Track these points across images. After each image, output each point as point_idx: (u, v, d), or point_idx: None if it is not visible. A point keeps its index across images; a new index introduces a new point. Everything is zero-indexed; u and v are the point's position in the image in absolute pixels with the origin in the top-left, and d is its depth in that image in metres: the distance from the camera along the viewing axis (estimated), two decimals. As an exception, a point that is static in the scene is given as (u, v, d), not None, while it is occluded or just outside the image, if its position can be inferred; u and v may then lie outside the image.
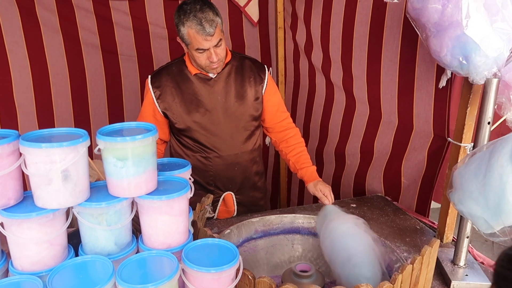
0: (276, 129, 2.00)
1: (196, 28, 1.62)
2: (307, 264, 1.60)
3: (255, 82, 1.89)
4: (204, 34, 1.63)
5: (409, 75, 1.93)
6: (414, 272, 1.28)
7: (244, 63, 1.90)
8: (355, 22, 2.18)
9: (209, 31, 1.63)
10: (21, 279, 0.99)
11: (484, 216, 1.26)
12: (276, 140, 2.02)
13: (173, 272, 1.02)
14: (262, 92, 1.91)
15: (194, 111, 1.83)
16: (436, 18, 1.34)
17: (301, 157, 1.95)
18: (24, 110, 2.50)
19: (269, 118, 1.98)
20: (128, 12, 2.55)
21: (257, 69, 1.92)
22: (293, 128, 2.01)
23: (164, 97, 1.82)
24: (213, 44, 1.67)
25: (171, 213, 1.13)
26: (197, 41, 1.65)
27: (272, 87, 1.96)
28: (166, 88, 1.82)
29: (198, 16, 1.62)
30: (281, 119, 2.00)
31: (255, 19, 2.85)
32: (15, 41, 2.37)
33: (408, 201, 2.13)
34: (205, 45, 1.66)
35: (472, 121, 1.57)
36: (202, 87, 1.83)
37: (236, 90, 1.86)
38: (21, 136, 0.99)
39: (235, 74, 1.86)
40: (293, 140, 1.98)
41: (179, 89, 1.82)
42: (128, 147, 1.05)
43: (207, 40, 1.65)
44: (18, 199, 1.04)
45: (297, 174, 1.96)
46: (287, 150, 1.98)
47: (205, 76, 1.82)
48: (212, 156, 1.91)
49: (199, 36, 1.64)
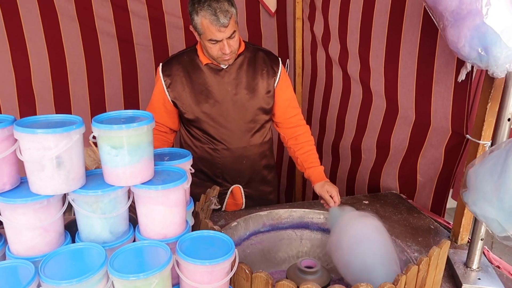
0: (285, 124, 1.95)
1: (210, 18, 1.58)
2: (312, 260, 1.57)
3: (267, 75, 1.84)
4: (218, 25, 1.58)
5: (428, 68, 1.84)
6: (420, 273, 1.22)
7: (257, 55, 1.85)
8: (374, 11, 2.09)
9: (223, 22, 1.58)
10: (14, 263, 0.99)
11: (498, 218, 1.19)
12: (284, 135, 1.97)
13: (165, 262, 1.00)
14: (274, 85, 1.86)
15: (204, 102, 1.81)
16: (453, 6, 1.26)
17: (309, 156, 1.89)
18: (42, 98, 2.55)
19: (280, 113, 1.93)
20: (144, 2, 2.55)
21: (270, 62, 1.86)
22: (303, 126, 1.96)
23: (174, 86, 1.80)
24: (227, 36, 1.62)
25: (167, 204, 1.11)
26: (210, 31, 1.61)
27: (285, 81, 1.91)
28: (176, 77, 1.80)
29: (213, 5, 1.57)
30: (292, 114, 1.94)
31: (272, 9, 2.79)
32: (34, 29, 2.41)
33: (424, 200, 2.06)
34: (219, 36, 1.61)
35: (492, 117, 1.49)
36: (213, 77, 1.80)
37: (247, 82, 1.82)
38: (16, 122, 0.99)
39: (247, 66, 1.82)
40: (303, 138, 1.93)
41: (189, 79, 1.79)
42: (122, 135, 1.03)
43: (221, 31, 1.60)
44: (14, 184, 1.04)
45: (304, 173, 1.91)
46: (296, 148, 1.92)
47: (216, 67, 1.79)
48: (220, 148, 1.89)
49: (212, 27, 1.59)
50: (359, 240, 1.40)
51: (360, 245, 1.38)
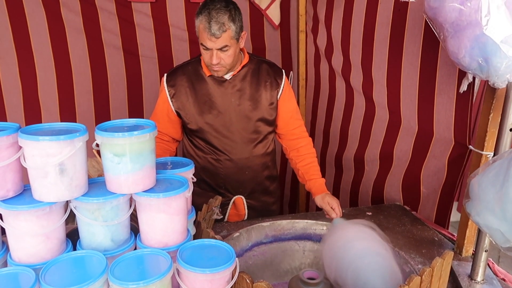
0: (288, 136, 1.95)
1: (204, 24, 1.61)
2: (315, 272, 1.55)
3: (271, 87, 1.86)
4: (209, 34, 1.61)
5: (430, 79, 1.85)
6: (423, 284, 1.21)
7: (261, 66, 1.87)
8: (376, 24, 2.11)
9: (214, 32, 1.60)
10: (15, 270, 1.00)
11: (501, 228, 1.18)
12: (286, 147, 1.97)
13: (165, 270, 1.00)
14: (277, 97, 1.87)
15: (207, 112, 1.82)
16: (453, 17, 1.27)
17: (311, 168, 1.89)
18: (48, 109, 2.59)
19: (282, 125, 1.94)
20: (150, 14, 2.59)
21: (274, 74, 1.88)
22: (305, 138, 1.96)
23: (178, 96, 1.81)
24: (217, 47, 1.64)
25: (169, 212, 1.11)
26: (202, 37, 1.64)
27: (288, 93, 1.92)
28: (180, 87, 1.81)
29: (211, 14, 1.60)
30: (294, 126, 1.95)
31: (276, 22, 2.83)
32: (41, 41, 2.46)
33: (427, 211, 2.04)
34: (208, 44, 1.64)
35: (495, 128, 1.48)
36: (216, 88, 1.81)
37: (250, 93, 1.83)
38: (21, 129, 1.01)
39: (251, 77, 1.84)
40: (304, 150, 1.93)
41: (193, 89, 1.81)
42: (124, 142, 1.05)
43: (211, 40, 1.62)
44: (17, 191, 1.06)
45: (305, 185, 1.90)
46: (297, 160, 1.92)
47: (220, 78, 1.80)
48: (222, 159, 1.89)
49: (204, 33, 1.62)
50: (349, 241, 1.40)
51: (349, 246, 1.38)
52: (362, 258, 1.34)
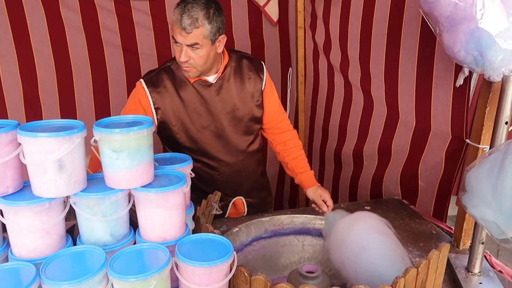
0: (273, 130, 1.93)
1: (177, 16, 1.55)
2: (313, 265, 1.57)
3: (254, 82, 1.81)
4: (180, 27, 1.54)
5: (427, 74, 1.86)
6: (419, 276, 1.22)
7: (241, 63, 1.81)
8: (374, 19, 2.12)
9: (184, 25, 1.53)
10: (16, 265, 1.01)
11: (496, 220, 1.19)
12: (272, 141, 1.94)
13: (164, 264, 1.01)
14: (261, 90, 1.83)
15: (197, 120, 1.75)
16: (449, 11, 1.28)
17: (300, 162, 1.89)
18: (48, 107, 2.60)
19: (268, 119, 1.90)
20: (149, 12, 2.60)
21: (255, 68, 1.82)
22: (291, 131, 1.95)
23: (164, 104, 1.71)
24: (186, 43, 1.56)
25: (167, 207, 1.13)
26: (174, 29, 1.58)
27: (271, 86, 1.88)
28: (166, 94, 1.71)
29: (186, 7, 1.54)
30: (279, 120, 1.92)
31: (274, 18, 2.83)
32: (41, 40, 2.47)
33: (426, 205, 2.05)
34: (178, 38, 1.57)
35: (491, 121, 1.49)
36: (203, 94, 1.74)
37: (236, 93, 1.78)
38: (20, 126, 1.02)
39: (234, 77, 1.78)
40: (291, 143, 1.91)
41: (179, 97, 1.72)
42: (122, 138, 1.06)
43: (181, 35, 1.55)
44: (17, 187, 1.07)
45: (295, 178, 1.90)
46: (285, 154, 1.91)
47: (205, 82, 1.73)
48: (218, 166, 1.86)
49: (175, 26, 1.56)
50: (363, 246, 1.38)
51: (366, 251, 1.36)
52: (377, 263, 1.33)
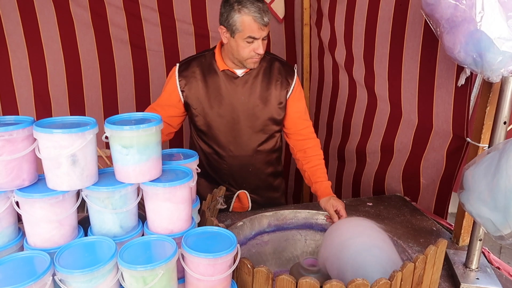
0: (295, 136, 1.93)
1: (253, 16, 1.60)
2: (315, 259, 1.61)
3: (281, 86, 1.84)
4: (262, 23, 1.61)
5: (429, 73, 1.89)
6: (416, 271, 1.26)
7: (273, 65, 1.85)
8: (378, 18, 2.15)
9: (266, 20, 1.62)
10: (31, 254, 1.07)
11: (492, 218, 1.22)
12: (293, 147, 1.95)
13: (170, 255, 1.06)
14: (286, 96, 1.86)
15: (216, 107, 1.81)
16: (449, 13, 1.31)
17: (317, 171, 1.85)
18: (58, 102, 2.66)
19: (290, 125, 1.92)
20: (156, 9, 2.64)
21: (285, 73, 1.86)
22: (313, 139, 1.93)
23: (189, 88, 1.80)
24: (264, 35, 1.66)
25: (174, 201, 1.17)
26: (251, 29, 1.62)
27: (298, 94, 1.90)
28: (192, 79, 1.80)
29: (256, 4, 1.61)
30: (302, 127, 1.92)
31: (280, 15, 2.86)
32: (51, 36, 2.52)
33: (427, 202, 2.09)
34: (258, 34, 1.63)
35: (491, 121, 1.52)
36: (228, 84, 1.80)
37: (260, 92, 1.82)
38: (35, 123, 1.07)
39: (262, 76, 1.83)
40: (312, 151, 1.89)
41: (205, 82, 1.80)
42: (132, 135, 1.11)
43: (262, 29, 1.63)
44: (32, 180, 1.12)
45: (311, 187, 1.88)
46: (304, 161, 1.89)
47: (232, 74, 1.80)
48: (227, 155, 1.91)
49: (255, 24, 1.61)
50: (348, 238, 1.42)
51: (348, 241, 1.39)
52: (360, 254, 1.35)
